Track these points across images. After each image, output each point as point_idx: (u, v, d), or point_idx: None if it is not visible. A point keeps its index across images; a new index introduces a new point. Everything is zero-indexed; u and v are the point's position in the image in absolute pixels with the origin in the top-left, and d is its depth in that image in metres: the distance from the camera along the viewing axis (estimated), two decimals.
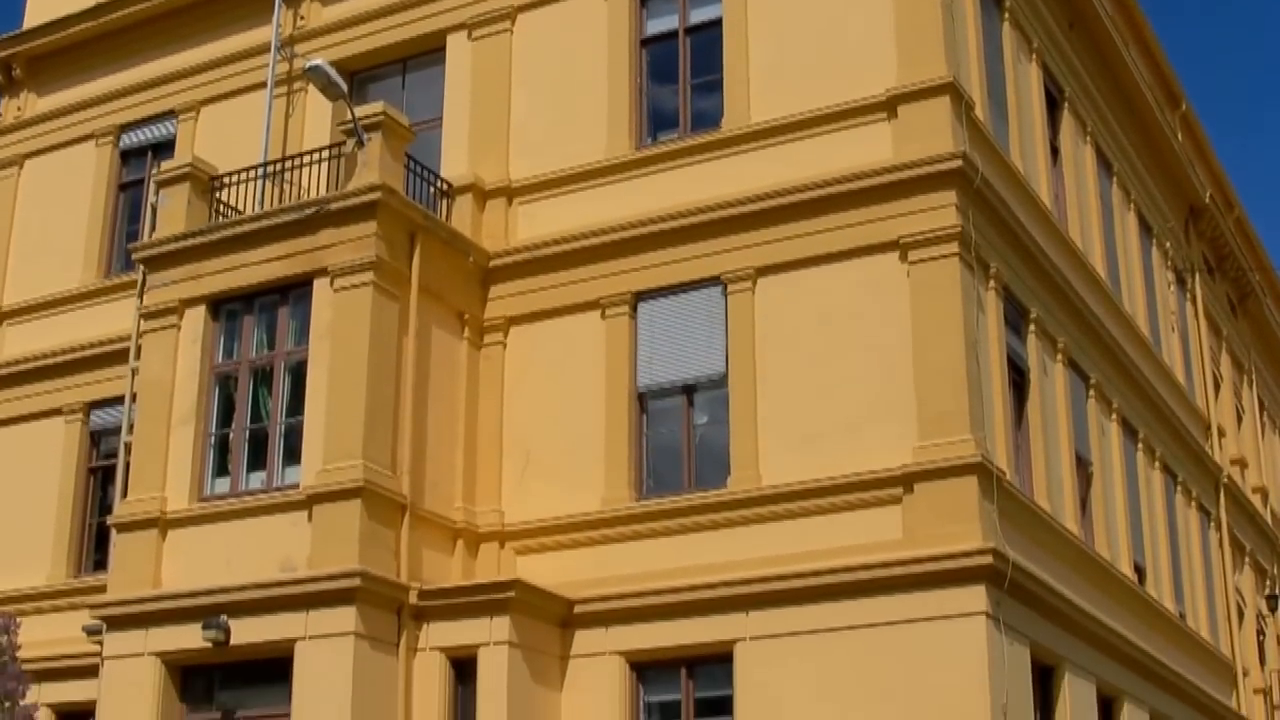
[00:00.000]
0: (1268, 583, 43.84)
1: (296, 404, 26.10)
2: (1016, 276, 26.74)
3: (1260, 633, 42.51)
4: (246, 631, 24.75)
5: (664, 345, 26.42)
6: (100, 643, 26.33)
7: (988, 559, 22.86)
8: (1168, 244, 38.75)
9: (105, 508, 30.28)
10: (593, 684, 25.07)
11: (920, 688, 22.75)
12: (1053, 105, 31.26)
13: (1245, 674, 39.54)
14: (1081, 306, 29.57)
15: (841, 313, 24.96)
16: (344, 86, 26.99)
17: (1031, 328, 27.36)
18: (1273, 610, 43.66)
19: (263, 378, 26.86)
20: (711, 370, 25.96)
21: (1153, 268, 37.34)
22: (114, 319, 31.04)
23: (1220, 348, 42.80)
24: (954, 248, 24.35)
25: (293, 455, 25.89)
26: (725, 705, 24.38)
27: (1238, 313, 45.47)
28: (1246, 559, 41.74)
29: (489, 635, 24.36)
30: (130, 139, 34.03)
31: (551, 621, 25.21)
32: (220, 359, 27.16)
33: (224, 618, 24.77)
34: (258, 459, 26.47)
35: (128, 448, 28.37)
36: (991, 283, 25.52)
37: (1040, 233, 27.90)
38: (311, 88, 28.91)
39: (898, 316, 24.42)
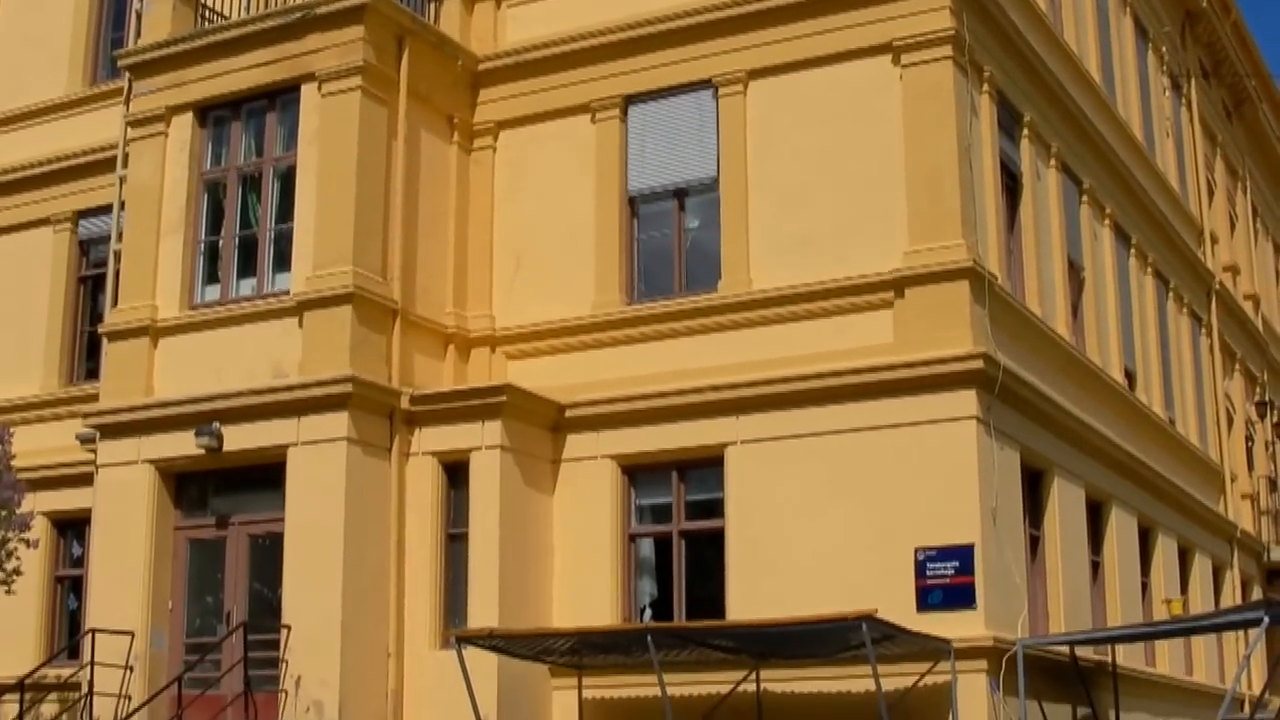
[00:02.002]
0: (1257, 389, 43.96)
1: (286, 210, 26.01)
2: (1010, 80, 26.50)
3: (1249, 439, 42.70)
4: (239, 438, 24.89)
5: (655, 149, 26.26)
6: (94, 451, 26.44)
7: (978, 364, 22.90)
8: (1164, 49, 38.37)
9: (96, 316, 30.21)
10: (584, 487, 25.25)
11: (911, 491, 22.91)
12: None
13: (1233, 479, 39.80)
14: (1076, 111, 29.34)
15: (833, 116, 24.78)
16: None
17: (1025, 132, 27.17)
18: (1261, 417, 43.83)
19: (251, 184, 26.75)
20: (703, 174, 25.82)
21: (1148, 73, 37.02)
22: (101, 127, 30.72)
23: (1215, 154, 42.56)
24: (947, 51, 24.09)
25: (283, 262, 25.87)
26: (716, 508, 24.61)
27: (1233, 119, 45.16)
28: (1237, 365, 41.84)
29: (481, 439, 24.50)
30: None
31: (543, 426, 25.32)
32: (208, 166, 27.03)
33: (216, 425, 24.90)
34: (248, 266, 26.46)
35: (117, 256, 28.36)
36: (985, 86, 25.32)
37: (1035, 36, 27.61)
38: None
39: (890, 120, 24.24)
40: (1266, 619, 22.97)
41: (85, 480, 27.28)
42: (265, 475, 24.82)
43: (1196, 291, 38.12)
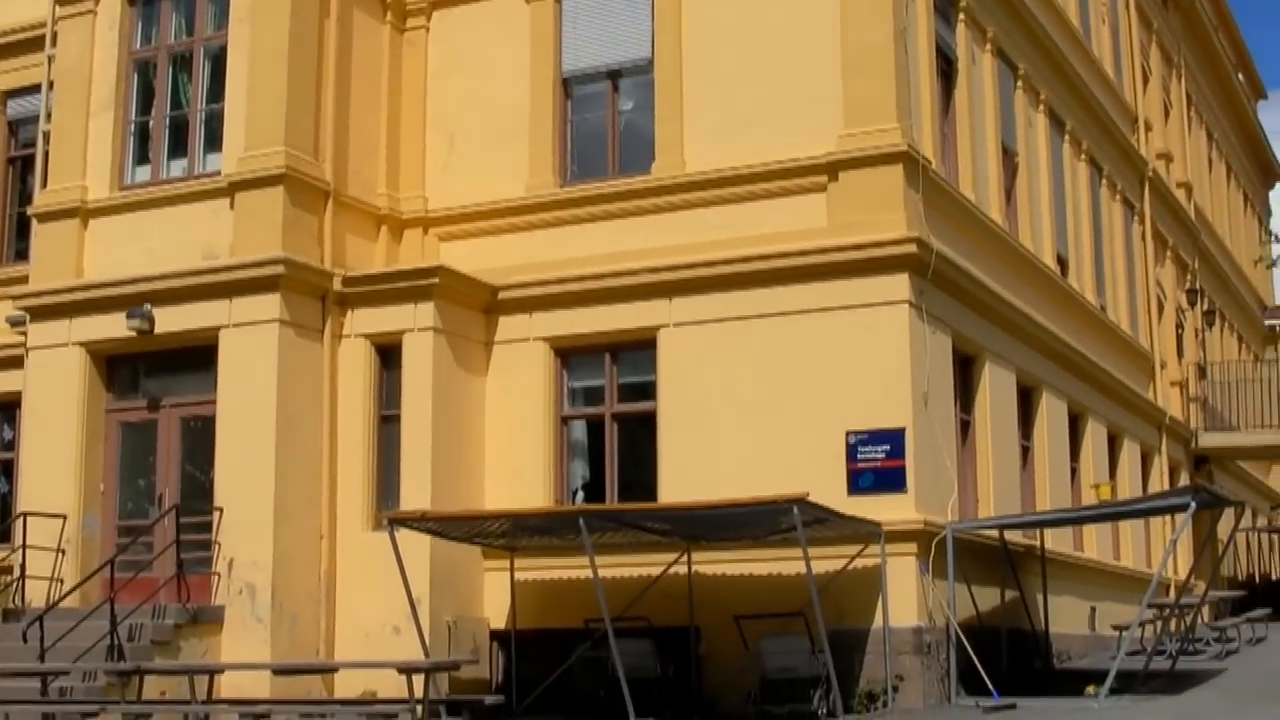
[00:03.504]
0: (1188, 277, 44.19)
1: (217, 91, 25.80)
2: None
3: (1179, 326, 42.98)
4: (170, 320, 24.78)
5: (589, 30, 26.10)
6: (24, 333, 26.25)
7: (911, 248, 22.94)
8: None
9: (25, 198, 29.99)
10: (517, 369, 25.28)
11: (842, 375, 23.00)
12: None
13: (1163, 366, 40.10)
14: None
15: None
16: None
17: (961, 16, 27.10)
18: (1192, 304, 44.09)
19: (182, 64, 26.50)
20: (637, 55, 25.68)
21: None
22: (29, 4, 30.17)
23: (1150, 41, 42.53)
24: None
25: (214, 142, 25.69)
26: (648, 390, 24.68)
27: (1169, 6, 45.09)
28: (1168, 253, 42.04)
29: (413, 321, 24.48)
30: None
31: (475, 308, 25.28)
32: (139, 45, 26.74)
33: (148, 306, 24.75)
34: (178, 147, 26.27)
35: (46, 137, 28.09)
36: None
37: None
38: None
39: (826, 3, 24.09)
40: (1193, 504, 23.23)
41: (16, 363, 27.14)
42: (197, 357, 24.73)
43: (1130, 178, 38.22)
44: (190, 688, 20.98)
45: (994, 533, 25.53)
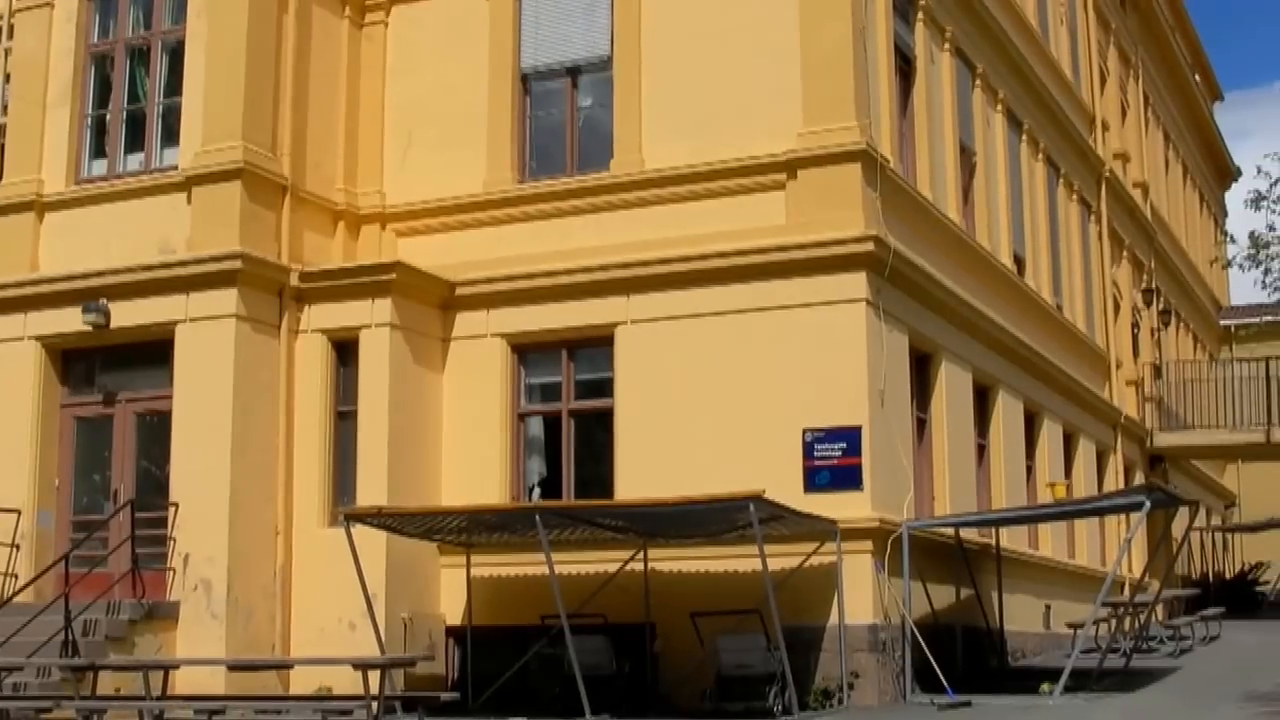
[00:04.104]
0: (1144, 277, 44.39)
1: (175, 84, 25.76)
2: None
3: (1135, 326, 43.16)
4: (126, 314, 24.70)
5: (548, 26, 26.09)
6: None
7: (869, 246, 22.99)
8: None
9: None
10: (474, 366, 25.25)
11: (799, 373, 23.02)
12: None
13: (1118, 366, 40.29)
14: None
15: None
16: None
17: (920, 15, 27.16)
18: (1148, 304, 44.30)
19: (140, 58, 26.44)
20: (596, 52, 25.69)
21: None
22: None
23: (1108, 42, 42.70)
24: None
25: (171, 136, 25.64)
26: (605, 387, 24.69)
27: (1127, 7, 45.27)
28: (1125, 253, 42.19)
29: (370, 317, 24.44)
30: None
31: (433, 304, 25.24)
32: (96, 38, 26.69)
33: (104, 301, 24.68)
34: (135, 140, 26.21)
35: (2, 130, 27.96)
36: None
37: None
38: None
39: (785, 1, 24.11)
40: (1148, 503, 23.37)
41: None
42: (153, 352, 24.65)
43: (1086, 178, 38.37)
44: (145, 683, 20.87)
45: (949, 531, 25.62)
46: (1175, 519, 32.35)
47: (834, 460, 22.71)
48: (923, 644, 22.99)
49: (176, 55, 25.74)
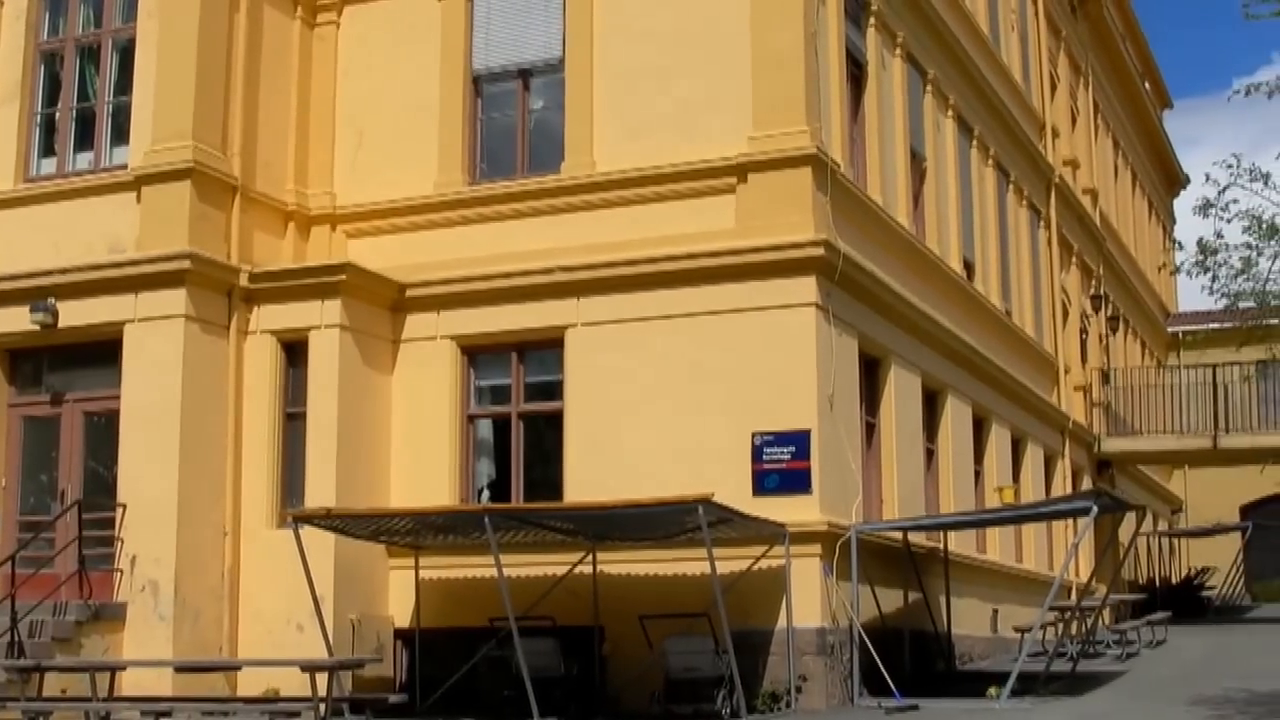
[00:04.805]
0: (1093, 283, 44.61)
1: (125, 83, 25.66)
2: None
3: (1083, 332, 43.36)
4: (75, 314, 24.58)
5: (500, 28, 26.08)
6: None
7: (819, 250, 23.04)
8: None
9: None
10: (423, 367, 25.22)
11: (749, 376, 23.07)
12: None
13: (1067, 371, 40.48)
14: (922, 1, 29.41)
15: None
16: None
17: (871, 20, 27.24)
18: (1096, 310, 44.51)
19: (90, 56, 26.34)
20: (548, 54, 25.69)
21: None
22: None
23: (1059, 49, 42.88)
24: None
25: (121, 136, 25.55)
26: (555, 390, 24.71)
27: (1077, 14, 45.47)
28: (1074, 259, 42.39)
29: (320, 318, 24.39)
30: None
31: (383, 305, 25.21)
32: (46, 37, 26.58)
33: (52, 300, 24.55)
34: (85, 139, 26.13)
35: None
36: None
37: None
38: None
39: (737, 5, 24.16)
40: (1095, 508, 23.50)
41: None
42: (101, 352, 24.53)
43: (1036, 184, 38.54)
44: (91, 685, 20.83)
45: (898, 534, 25.70)
46: (1122, 524, 32.59)
47: (783, 464, 22.75)
48: (870, 647, 23.03)
49: (127, 54, 25.64)
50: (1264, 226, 19.52)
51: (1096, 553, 36.60)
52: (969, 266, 32.33)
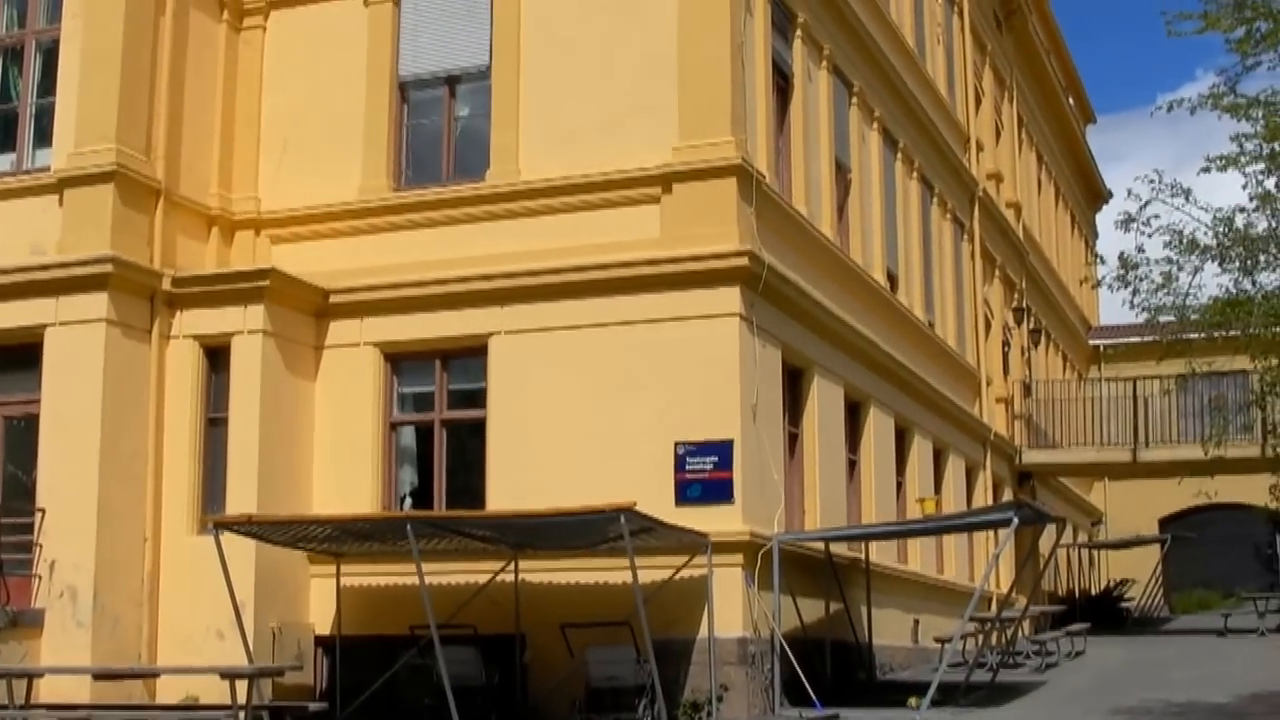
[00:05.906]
0: (1015, 296, 44.90)
1: (48, 85, 25.45)
2: None
3: (1005, 344, 43.63)
4: None
5: (427, 35, 26.04)
6: None
7: (743, 261, 23.11)
8: None
9: None
10: (347, 374, 25.16)
11: (672, 386, 23.12)
12: None
13: (989, 383, 40.72)
14: (849, 14, 29.53)
15: (607, 9, 24.75)
16: None
17: (798, 33, 27.31)
18: (1019, 323, 44.82)
19: (13, 57, 26.15)
20: (475, 61, 25.66)
21: None
22: None
23: (984, 63, 43.15)
24: None
25: (44, 137, 25.37)
26: (478, 398, 24.67)
27: (1003, 29, 45.81)
28: (996, 272, 42.64)
29: (243, 323, 24.26)
30: None
31: (306, 311, 25.12)
32: None
33: None
34: (7, 141, 25.93)
35: None
36: None
37: None
38: None
39: (665, 15, 24.21)
40: (1016, 520, 23.64)
41: None
42: (21, 356, 24.31)
43: (960, 197, 38.76)
44: (8, 692, 20.67)
45: (820, 545, 25.77)
46: (1042, 535, 32.77)
47: (705, 473, 22.80)
48: (791, 657, 23.13)
49: (51, 55, 25.46)
50: (1184, 242, 19.76)
51: (1017, 564, 36.80)
52: (892, 278, 32.47)
